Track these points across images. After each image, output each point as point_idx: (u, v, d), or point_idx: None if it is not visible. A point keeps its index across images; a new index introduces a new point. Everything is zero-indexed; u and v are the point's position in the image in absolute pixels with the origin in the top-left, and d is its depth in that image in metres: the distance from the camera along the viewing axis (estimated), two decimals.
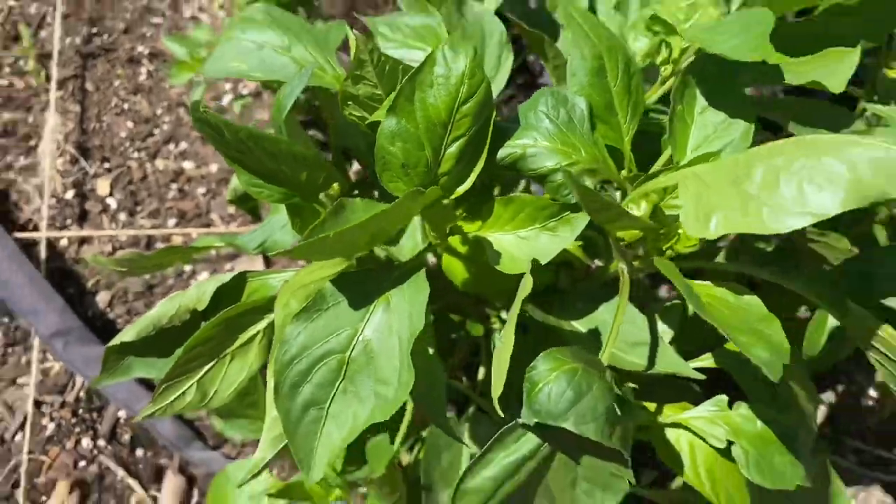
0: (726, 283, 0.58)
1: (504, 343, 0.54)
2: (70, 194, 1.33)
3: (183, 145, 1.40)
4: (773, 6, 0.63)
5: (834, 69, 0.66)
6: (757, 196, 0.49)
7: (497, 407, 0.51)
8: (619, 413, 0.55)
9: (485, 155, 0.62)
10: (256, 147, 0.57)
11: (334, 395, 0.55)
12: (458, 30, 0.63)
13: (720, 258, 0.87)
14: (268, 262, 1.25)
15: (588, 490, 0.63)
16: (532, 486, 0.62)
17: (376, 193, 0.81)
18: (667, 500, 0.89)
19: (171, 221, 1.33)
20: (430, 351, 0.69)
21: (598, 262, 0.77)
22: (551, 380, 0.51)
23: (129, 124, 1.42)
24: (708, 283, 0.59)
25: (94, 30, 1.52)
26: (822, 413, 1.27)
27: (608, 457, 0.59)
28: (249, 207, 0.97)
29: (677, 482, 1.02)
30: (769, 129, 0.77)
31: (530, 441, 0.59)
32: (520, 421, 0.52)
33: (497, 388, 0.53)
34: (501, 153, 0.64)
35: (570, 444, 0.58)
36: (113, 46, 1.51)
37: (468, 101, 0.58)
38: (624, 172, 0.68)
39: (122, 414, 1.14)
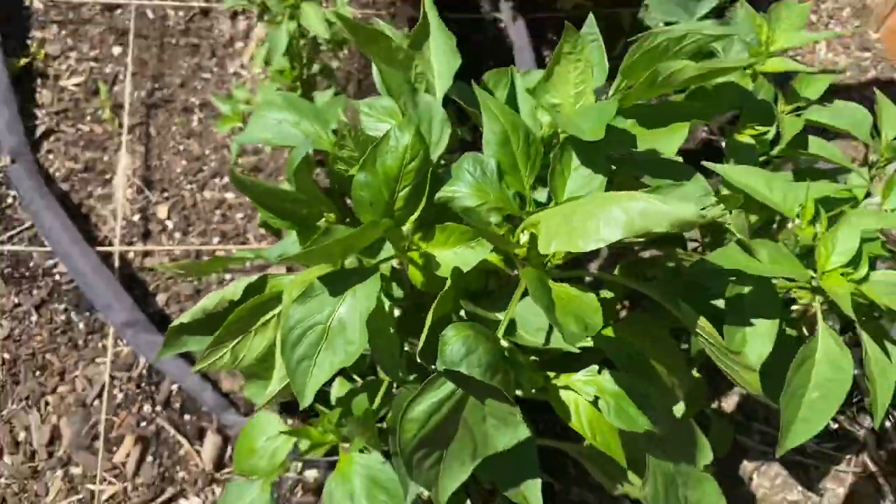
0: (577, 284, 0.85)
1: (427, 320, 0.82)
2: (137, 217, 1.58)
3: (226, 179, 1.67)
4: (622, 101, 0.91)
5: (670, 139, 0.93)
6: (577, 229, 0.75)
7: (418, 357, 0.79)
8: (503, 366, 0.82)
9: (425, 197, 0.90)
10: (273, 196, 0.86)
11: (319, 350, 0.82)
12: (409, 113, 0.92)
13: (617, 272, 1.14)
14: (290, 270, 1.54)
15: (495, 425, 0.89)
16: (453, 419, 0.87)
17: None
18: (577, 451, 1.16)
19: (216, 240, 1.60)
20: (391, 330, 0.97)
21: (516, 272, 1.04)
22: (453, 341, 0.78)
23: (184, 162, 1.67)
24: (566, 284, 0.86)
25: (157, 85, 1.78)
26: (734, 402, 1.52)
27: (500, 398, 0.86)
28: (274, 230, 1.26)
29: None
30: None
31: (449, 386, 0.86)
32: (434, 368, 0.80)
33: (420, 347, 0.80)
34: (438, 195, 0.92)
35: (472, 387, 0.84)
36: (171, 98, 1.78)
37: (411, 162, 0.86)
38: (528, 208, 0.96)
39: (174, 387, 1.38)
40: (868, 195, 1.12)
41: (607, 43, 1.00)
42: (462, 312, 1.02)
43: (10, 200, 1.56)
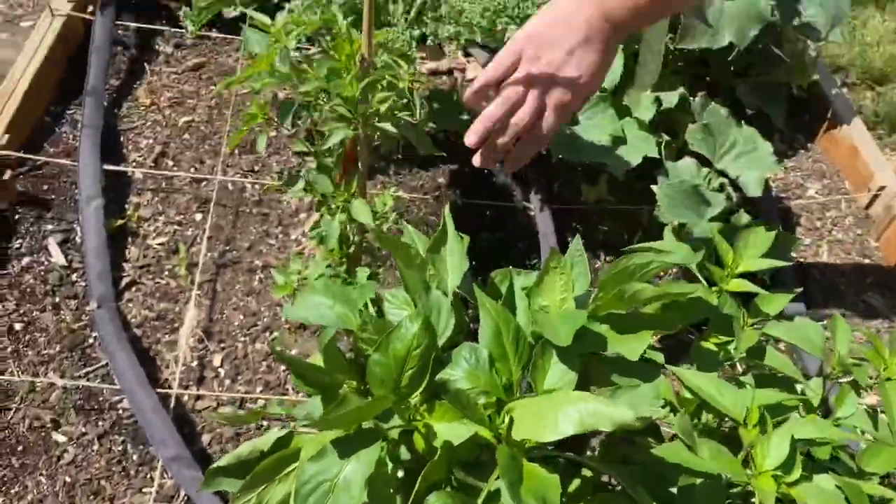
0: (547, 465, 0.99)
1: (416, 485, 0.97)
2: (195, 364, 1.76)
3: (276, 333, 1.90)
4: (595, 310, 1.09)
5: (636, 345, 1.10)
6: (541, 422, 0.91)
7: None
8: None
9: (428, 377, 1.07)
10: (303, 368, 1.05)
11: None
12: (419, 307, 1.11)
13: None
14: None
15: None
16: None
17: None
18: None
19: (259, 388, 1.78)
20: (391, 491, 1.11)
21: None
22: None
23: (241, 316, 1.89)
24: (535, 464, 0.99)
25: (228, 247, 2.02)
26: None
27: None
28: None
29: None
30: None
31: None
32: None
33: None
34: (438, 377, 1.09)
35: None
36: (238, 260, 2.04)
37: (417, 348, 1.04)
38: (515, 394, 1.12)
39: None
40: (825, 402, 1.25)
41: (626, 236, 1.17)
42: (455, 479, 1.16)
43: (90, 341, 1.79)
